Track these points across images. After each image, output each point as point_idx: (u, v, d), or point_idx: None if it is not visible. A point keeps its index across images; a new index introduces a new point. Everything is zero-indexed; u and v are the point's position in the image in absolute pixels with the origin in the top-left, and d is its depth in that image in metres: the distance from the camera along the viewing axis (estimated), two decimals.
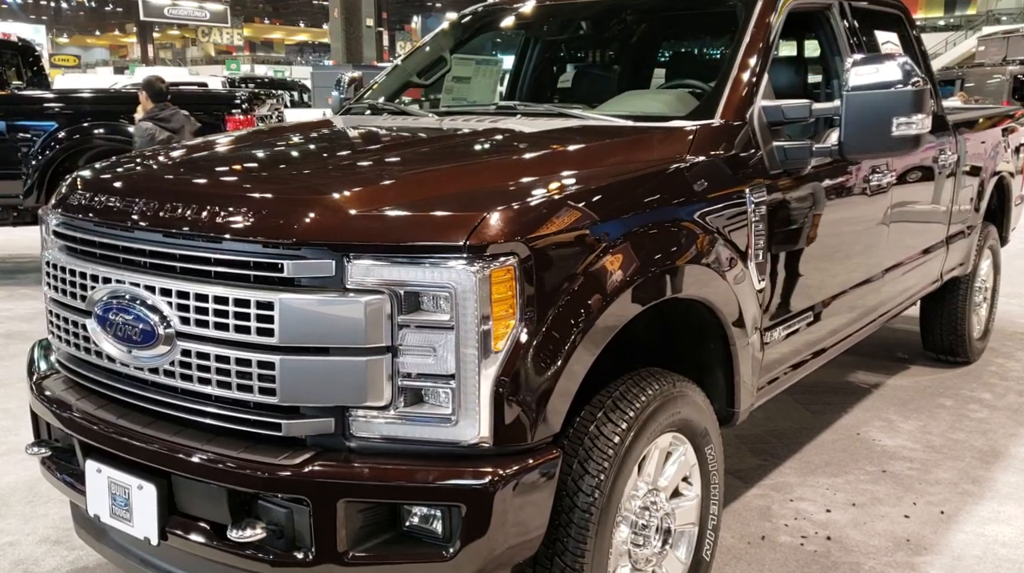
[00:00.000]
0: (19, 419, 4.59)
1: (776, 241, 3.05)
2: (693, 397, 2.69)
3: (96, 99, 8.95)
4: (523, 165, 2.59)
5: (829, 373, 5.37)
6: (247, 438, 2.20)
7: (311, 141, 3.15)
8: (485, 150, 2.88)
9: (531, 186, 2.34)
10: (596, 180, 2.44)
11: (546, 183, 2.37)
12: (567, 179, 2.41)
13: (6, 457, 4.21)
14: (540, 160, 2.65)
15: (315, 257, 2.09)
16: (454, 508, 2.09)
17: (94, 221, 2.47)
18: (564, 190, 2.34)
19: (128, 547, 2.58)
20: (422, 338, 2.08)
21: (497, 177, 2.44)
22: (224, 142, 3.19)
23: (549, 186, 2.34)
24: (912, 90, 2.85)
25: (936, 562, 3.31)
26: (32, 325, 6.63)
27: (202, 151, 2.98)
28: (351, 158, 2.86)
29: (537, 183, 2.37)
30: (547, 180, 2.40)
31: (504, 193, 2.26)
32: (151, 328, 2.26)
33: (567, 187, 2.36)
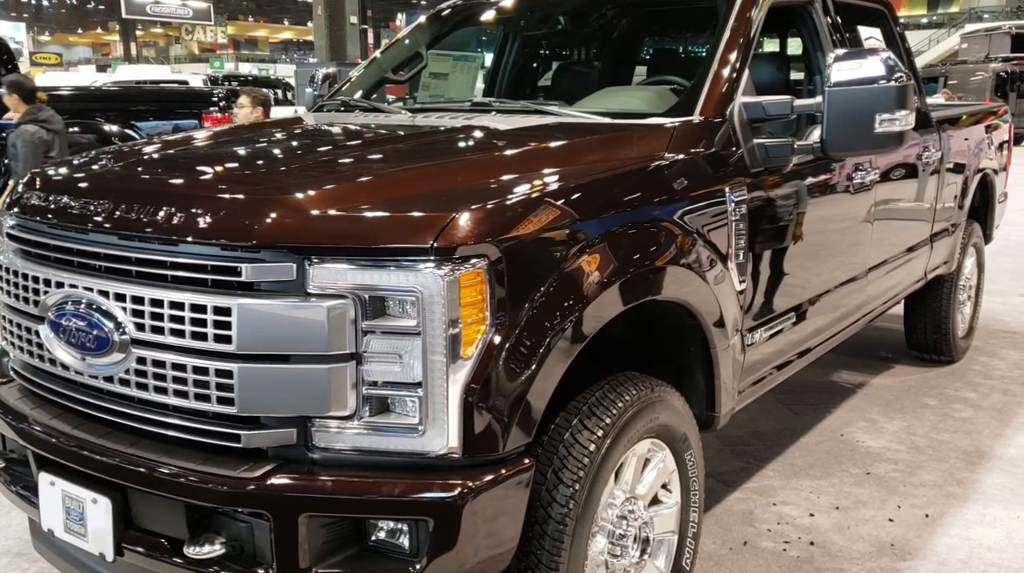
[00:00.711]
0: None
1: (757, 241, 2.98)
2: (672, 402, 2.61)
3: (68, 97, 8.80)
4: (495, 164, 2.50)
5: (812, 373, 5.31)
6: (206, 450, 2.11)
7: (277, 139, 3.05)
8: (456, 148, 2.79)
9: (503, 185, 2.25)
10: (571, 179, 2.36)
11: (518, 182, 2.28)
12: (540, 178, 2.33)
13: None
14: (513, 159, 2.56)
15: (275, 260, 2.00)
16: (421, 522, 2.01)
17: (48, 223, 2.37)
18: (537, 189, 2.25)
19: (87, 562, 2.48)
20: (388, 344, 1.99)
21: (468, 176, 2.35)
22: (187, 141, 3.09)
23: (521, 185, 2.25)
24: (895, 86, 2.78)
25: (921, 567, 3.25)
26: None
27: (163, 150, 2.88)
28: (316, 156, 2.77)
29: (509, 182, 2.29)
30: (520, 179, 2.31)
31: (474, 193, 2.17)
32: (105, 335, 2.17)
33: (540, 186, 2.27)
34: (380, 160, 2.64)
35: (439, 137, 2.91)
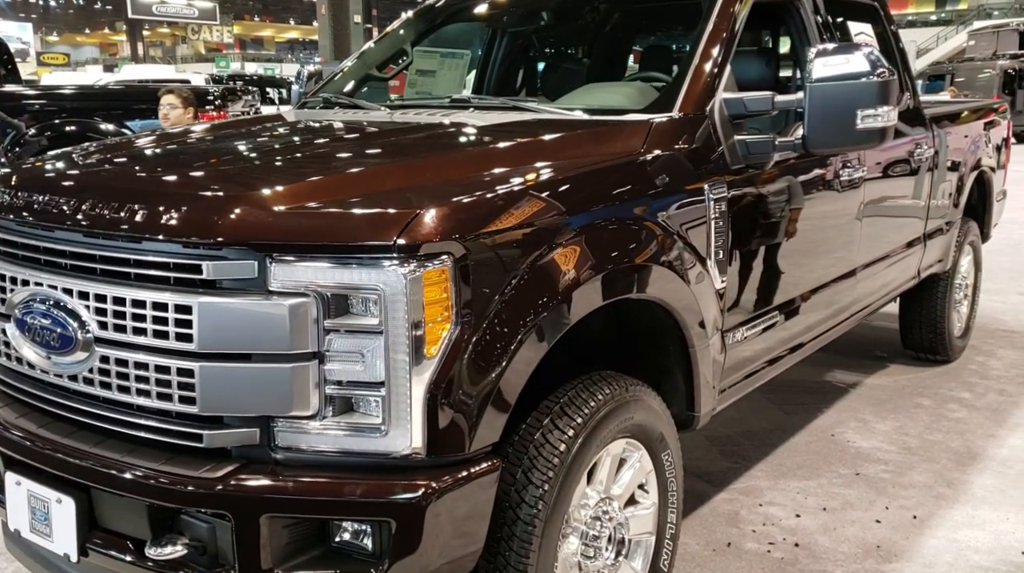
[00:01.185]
0: None
1: (738, 239, 2.94)
2: (648, 401, 2.58)
3: (69, 96, 8.81)
4: (464, 160, 2.47)
5: (805, 372, 5.27)
6: (169, 449, 2.09)
7: (251, 136, 3.02)
8: (426, 145, 2.76)
9: (470, 182, 2.22)
10: (541, 175, 2.33)
11: (487, 179, 2.26)
12: (510, 175, 2.30)
13: None
14: (483, 155, 2.54)
15: (236, 258, 1.97)
16: (384, 523, 1.98)
17: (15, 221, 2.35)
18: (506, 186, 2.22)
19: (56, 563, 2.47)
20: (351, 343, 1.96)
21: (435, 173, 2.32)
22: (160, 138, 3.07)
23: (490, 182, 2.23)
24: (877, 81, 2.74)
25: (906, 569, 3.21)
26: None
27: (133, 147, 2.86)
28: (284, 154, 2.74)
29: (477, 179, 2.26)
30: (488, 176, 2.29)
31: (441, 189, 2.15)
32: (69, 333, 2.15)
33: (510, 183, 2.24)
34: (348, 157, 2.61)
35: (411, 134, 2.88)
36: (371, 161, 2.52)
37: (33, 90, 9.14)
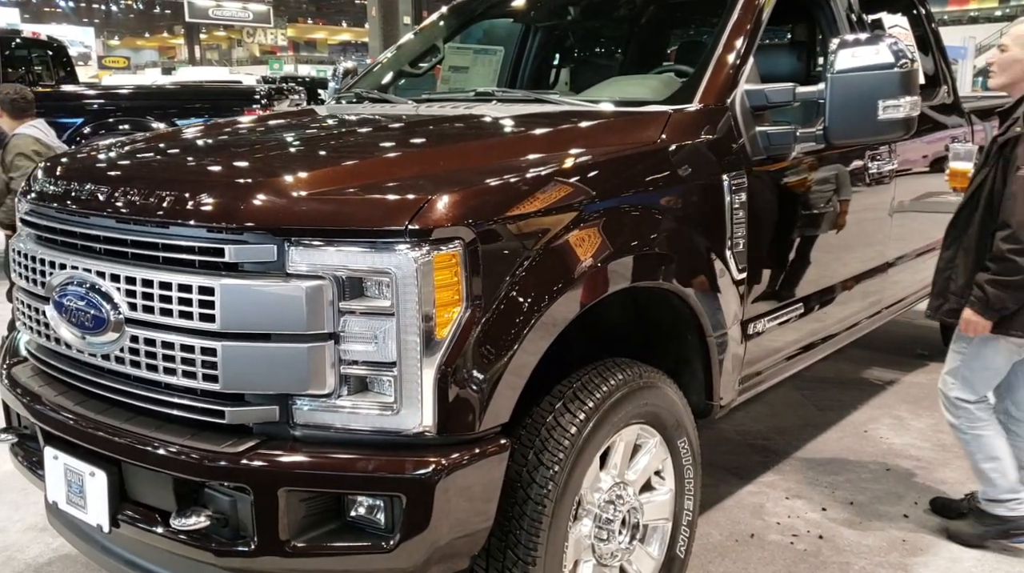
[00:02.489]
0: None
1: (759, 230, 2.95)
2: (663, 388, 2.61)
3: (122, 95, 9.09)
4: (480, 149, 2.53)
5: (841, 369, 5.23)
6: (194, 425, 2.18)
7: (279, 129, 3.12)
8: (445, 135, 2.83)
9: (484, 170, 2.28)
10: (555, 163, 2.37)
11: (501, 167, 2.31)
12: (524, 163, 2.35)
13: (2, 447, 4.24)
14: (499, 144, 2.59)
15: (257, 242, 2.06)
16: (395, 498, 2.05)
17: (55, 208, 2.47)
18: (519, 174, 2.27)
19: (91, 535, 2.58)
20: (364, 325, 2.03)
21: (450, 161, 2.38)
22: (193, 131, 3.18)
23: (503, 170, 2.28)
24: (899, 71, 2.73)
25: (931, 564, 3.19)
26: None
27: (166, 139, 2.98)
28: (306, 144, 2.83)
29: (492, 167, 2.31)
30: (503, 164, 2.34)
31: (454, 177, 2.21)
32: (102, 314, 2.25)
33: (523, 171, 2.29)
34: (366, 147, 2.69)
35: (431, 125, 2.95)
36: (388, 150, 2.59)
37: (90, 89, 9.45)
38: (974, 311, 3.02)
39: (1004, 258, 2.93)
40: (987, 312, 3.00)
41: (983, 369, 3.17)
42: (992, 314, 3.00)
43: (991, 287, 2.96)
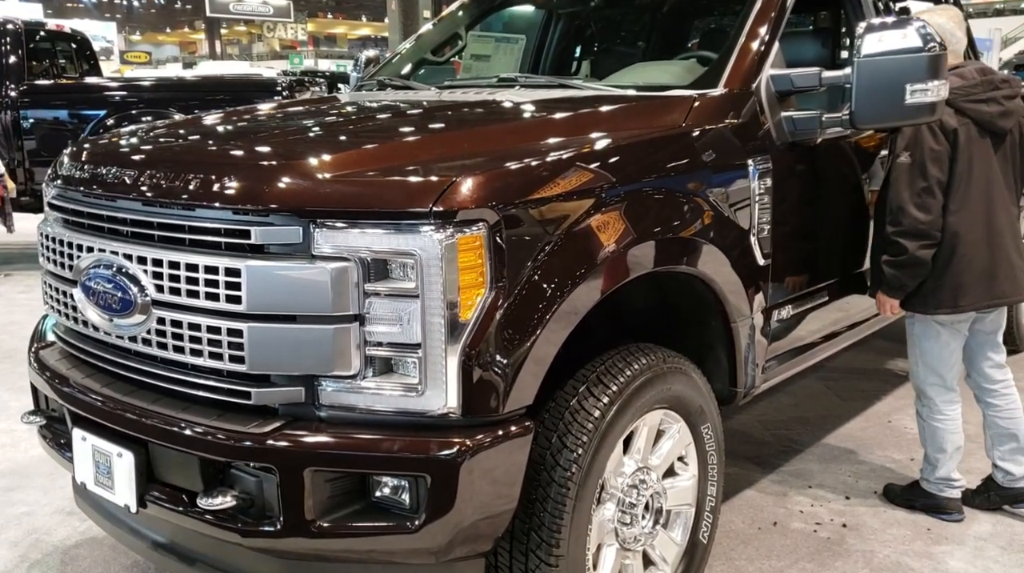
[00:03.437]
0: None
1: (784, 215, 2.93)
2: (686, 374, 2.60)
3: (144, 87, 9.15)
4: (503, 133, 2.53)
5: (865, 360, 5.20)
6: (220, 406, 2.20)
7: (302, 115, 3.13)
8: (468, 119, 2.83)
9: (508, 153, 2.28)
10: (578, 147, 2.37)
11: (524, 150, 2.31)
12: (547, 146, 2.35)
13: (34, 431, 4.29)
14: (522, 128, 2.59)
15: (282, 223, 2.06)
16: (420, 479, 2.05)
17: (82, 192, 2.49)
18: (542, 157, 2.27)
19: (117, 516, 2.61)
20: (389, 306, 2.04)
21: (474, 144, 2.38)
22: (217, 116, 3.19)
23: (527, 153, 2.28)
24: (928, 55, 2.70)
25: (956, 552, 3.16)
26: None
27: (190, 124, 3.00)
28: (332, 128, 2.83)
29: (515, 150, 2.31)
30: (526, 147, 2.34)
31: (479, 160, 2.21)
32: (129, 297, 2.27)
33: (546, 154, 2.29)
34: (391, 130, 2.70)
35: (455, 110, 2.95)
36: (413, 134, 2.59)
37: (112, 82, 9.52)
38: (881, 292, 3.23)
39: (891, 241, 3.10)
40: (891, 291, 3.20)
41: (930, 351, 3.31)
42: (895, 293, 3.19)
43: (888, 268, 3.15)
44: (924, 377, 3.36)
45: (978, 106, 3.08)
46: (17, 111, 8.35)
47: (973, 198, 3.09)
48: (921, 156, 3.03)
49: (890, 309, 3.26)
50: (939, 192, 3.05)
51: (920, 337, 3.33)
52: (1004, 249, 3.13)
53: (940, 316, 3.20)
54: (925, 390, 3.37)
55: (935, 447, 3.39)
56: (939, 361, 3.30)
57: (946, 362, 3.30)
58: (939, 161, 3.04)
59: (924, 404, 3.40)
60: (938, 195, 3.05)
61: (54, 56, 10.02)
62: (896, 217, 3.08)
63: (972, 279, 3.10)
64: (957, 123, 3.05)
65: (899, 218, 3.07)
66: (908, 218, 3.05)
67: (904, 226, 3.06)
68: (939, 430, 3.36)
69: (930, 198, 3.04)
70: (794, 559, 3.12)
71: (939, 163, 3.04)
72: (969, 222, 3.08)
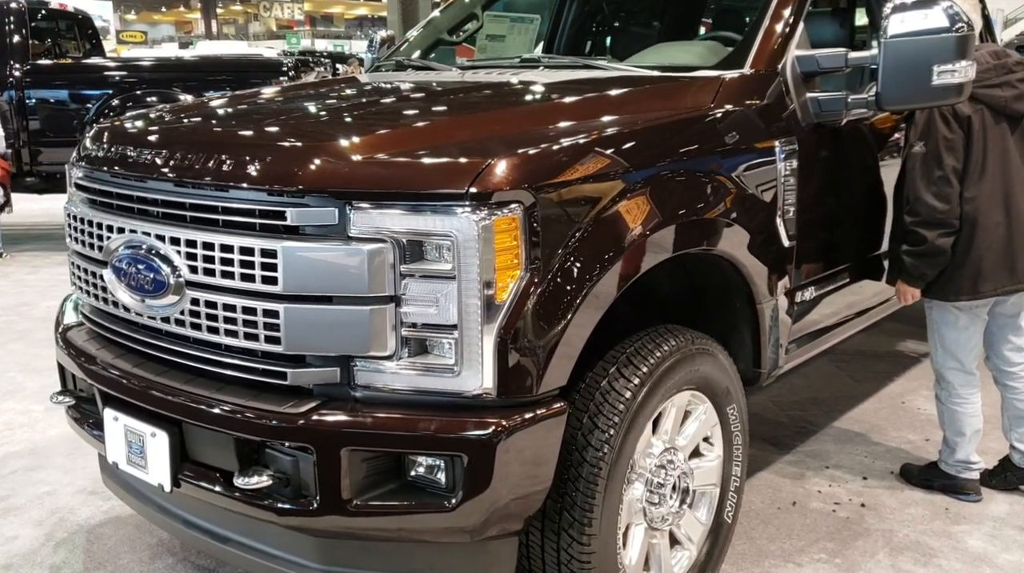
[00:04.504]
0: None
1: (809, 197, 2.94)
2: (714, 355, 2.62)
3: (149, 67, 9.10)
4: (534, 114, 2.53)
5: (876, 342, 5.22)
6: (255, 387, 2.20)
7: (327, 95, 3.12)
8: (498, 100, 2.82)
9: (541, 134, 2.28)
10: (609, 129, 2.37)
11: (557, 132, 2.31)
12: (579, 128, 2.34)
13: (51, 412, 4.32)
14: (552, 109, 2.58)
15: (318, 205, 2.07)
16: (456, 458, 2.07)
17: (111, 172, 2.49)
18: (575, 138, 2.27)
19: (147, 494, 2.63)
20: (425, 288, 2.04)
21: (506, 125, 2.38)
22: (241, 97, 3.19)
23: (559, 134, 2.28)
24: (955, 36, 2.69)
25: (975, 532, 3.19)
26: None
27: (217, 105, 2.99)
28: (361, 109, 2.83)
29: (547, 132, 2.31)
30: (558, 129, 2.34)
31: (512, 141, 2.21)
32: (162, 277, 2.27)
33: (579, 135, 2.29)
34: (421, 111, 2.69)
35: (482, 90, 2.94)
36: (444, 115, 2.59)
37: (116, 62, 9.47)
38: (901, 281, 3.24)
39: (910, 231, 3.12)
40: (911, 280, 3.21)
41: (949, 336, 3.33)
42: (915, 282, 3.21)
43: (907, 258, 3.16)
44: (943, 361, 3.37)
45: (991, 91, 3.08)
46: (22, 91, 8.31)
47: (990, 184, 3.09)
48: (935, 145, 3.04)
49: (910, 297, 3.27)
50: (955, 180, 3.06)
51: (939, 323, 3.34)
52: (1022, 236, 3.13)
53: (963, 303, 3.20)
54: (944, 374, 3.38)
55: (954, 430, 3.40)
56: (957, 346, 3.32)
57: (964, 347, 3.32)
58: (953, 149, 3.05)
59: (943, 388, 3.41)
60: (954, 183, 3.06)
61: (56, 35, 9.96)
62: (914, 207, 3.09)
63: (992, 265, 3.10)
64: (970, 110, 3.05)
65: (917, 208, 3.08)
66: (926, 207, 3.06)
67: (922, 215, 3.07)
68: (957, 413, 3.37)
69: (946, 187, 3.05)
70: (814, 538, 3.15)
71: (954, 151, 3.05)
72: (986, 208, 3.08)
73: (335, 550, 2.26)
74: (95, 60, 9.34)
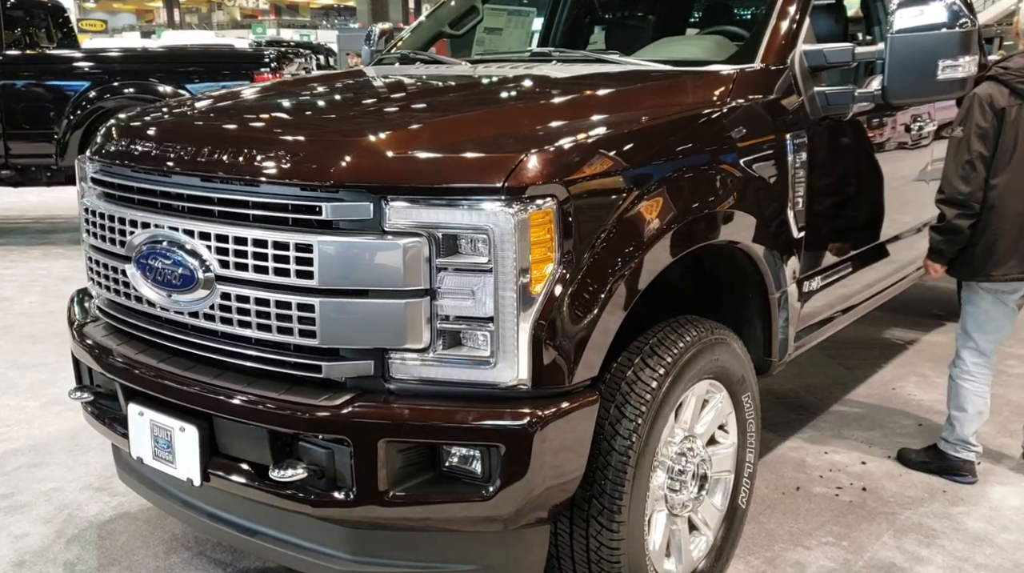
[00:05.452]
0: (58, 372, 4.67)
1: (816, 189, 3.00)
2: (731, 345, 2.67)
3: (126, 58, 8.97)
4: (561, 109, 2.55)
5: (863, 330, 5.32)
6: (285, 380, 2.21)
7: (344, 89, 3.12)
8: (521, 95, 2.84)
9: (569, 129, 2.31)
10: (635, 124, 2.41)
11: (584, 126, 2.34)
12: (606, 122, 2.38)
13: (47, 408, 4.28)
14: (578, 104, 2.61)
15: (353, 200, 2.08)
16: (493, 448, 2.10)
17: (132, 167, 2.47)
18: (603, 133, 2.30)
19: (169, 489, 2.63)
20: (460, 281, 2.07)
21: (534, 120, 2.40)
22: (255, 91, 3.18)
23: (587, 129, 2.31)
24: (959, 31, 2.76)
25: (973, 512, 3.29)
26: (69, 285, 6.72)
27: (235, 98, 2.98)
28: (386, 103, 2.84)
29: (575, 126, 2.34)
30: (585, 124, 2.37)
31: (542, 136, 2.24)
32: (190, 272, 2.27)
33: (606, 130, 2.33)
34: (448, 106, 2.71)
35: (503, 84, 2.96)
36: (473, 109, 2.61)
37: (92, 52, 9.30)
38: (927, 256, 3.46)
39: (937, 208, 3.36)
40: (932, 255, 3.45)
41: (971, 315, 3.51)
42: (936, 257, 3.43)
43: (932, 233, 3.41)
44: (962, 337, 3.55)
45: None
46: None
47: (1015, 173, 3.22)
48: (968, 131, 3.23)
49: (934, 272, 3.49)
50: (981, 166, 3.22)
51: (965, 301, 3.55)
52: None
53: (985, 284, 3.38)
54: (960, 349, 3.55)
55: (957, 406, 3.52)
56: (976, 326, 3.47)
57: (983, 328, 3.46)
58: (984, 137, 3.21)
59: (956, 364, 3.56)
60: (979, 168, 3.22)
61: (27, 25, 9.77)
62: (942, 186, 3.31)
63: (1004, 251, 3.26)
64: (1007, 102, 3.21)
65: (943, 187, 3.30)
66: (950, 188, 3.26)
67: (946, 195, 3.28)
68: (963, 389, 3.50)
69: (971, 171, 3.22)
70: (820, 522, 3.22)
71: (984, 139, 3.21)
72: (1006, 196, 3.23)
73: (366, 541, 2.29)
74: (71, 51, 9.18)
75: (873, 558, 3.00)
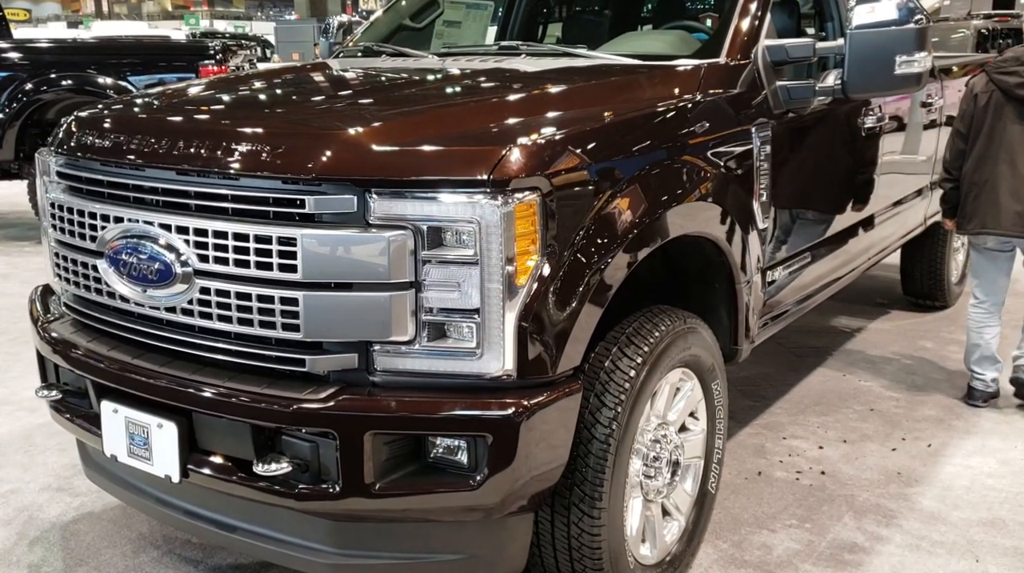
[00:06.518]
0: (6, 372, 4.53)
1: (779, 181, 3.08)
2: (702, 333, 2.73)
3: (62, 49, 8.71)
4: (539, 102, 2.58)
5: (813, 319, 5.46)
6: (268, 375, 2.20)
7: (314, 81, 3.10)
8: (498, 88, 2.86)
9: (549, 122, 2.33)
10: (612, 117, 2.44)
11: (564, 120, 2.37)
12: (584, 116, 2.41)
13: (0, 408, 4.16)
14: (555, 97, 2.64)
15: (337, 193, 2.07)
16: (480, 438, 2.12)
17: (101, 160, 2.43)
18: (583, 127, 2.34)
19: (143, 487, 2.58)
20: (446, 273, 2.08)
21: (514, 114, 2.43)
22: (221, 83, 3.13)
23: (567, 123, 2.34)
24: (915, 28, 2.87)
25: (927, 493, 3.42)
26: (7, 282, 6.51)
27: (204, 91, 2.93)
28: (363, 96, 2.83)
29: (555, 119, 2.37)
30: (564, 117, 2.40)
31: (523, 129, 2.26)
32: (167, 267, 2.24)
33: (585, 124, 2.36)
34: (427, 99, 2.71)
35: (477, 78, 2.97)
36: (452, 103, 2.62)
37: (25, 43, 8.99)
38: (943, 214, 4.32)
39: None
40: (943, 212, 4.28)
41: (973, 264, 4.28)
42: (947, 214, 4.23)
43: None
44: (970, 279, 4.38)
45: (1003, 77, 3.88)
46: None
47: (983, 148, 3.93)
48: (959, 112, 4.07)
49: (946, 225, 4.34)
50: (959, 141, 4.04)
51: (971, 260, 4.34)
52: (995, 191, 3.90)
53: (966, 237, 4.33)
54: (972, 300, 4.25)
55: (971, 342, 4.23)
56: (974, 273, 4.30)
57: (978, 276, 4.23)
58: (963, 117, 4.04)
59: (969, 308, 4.27)
60: (957, 143, 4.05)
61: None
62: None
63: (972, 210, 3.99)
64: (983, 89, 3.93)
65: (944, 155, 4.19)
66: (943, 158, 4.15)
67: (942, 162, 4.17)
68: (968, 322, 4.26)
69: (954, 143, 4.07)
70: (783, 505, 3.32)
71: (963, 119, 4.04)
72: (974, 166, 3.96)
73: (350, 534, 2.29)
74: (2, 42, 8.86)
75: (836, 539, 3.10)
